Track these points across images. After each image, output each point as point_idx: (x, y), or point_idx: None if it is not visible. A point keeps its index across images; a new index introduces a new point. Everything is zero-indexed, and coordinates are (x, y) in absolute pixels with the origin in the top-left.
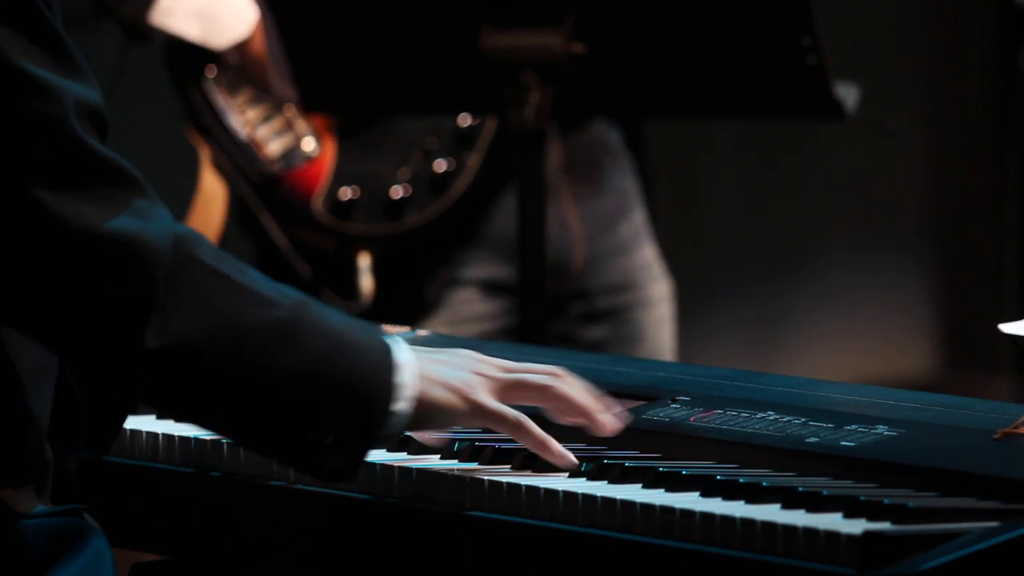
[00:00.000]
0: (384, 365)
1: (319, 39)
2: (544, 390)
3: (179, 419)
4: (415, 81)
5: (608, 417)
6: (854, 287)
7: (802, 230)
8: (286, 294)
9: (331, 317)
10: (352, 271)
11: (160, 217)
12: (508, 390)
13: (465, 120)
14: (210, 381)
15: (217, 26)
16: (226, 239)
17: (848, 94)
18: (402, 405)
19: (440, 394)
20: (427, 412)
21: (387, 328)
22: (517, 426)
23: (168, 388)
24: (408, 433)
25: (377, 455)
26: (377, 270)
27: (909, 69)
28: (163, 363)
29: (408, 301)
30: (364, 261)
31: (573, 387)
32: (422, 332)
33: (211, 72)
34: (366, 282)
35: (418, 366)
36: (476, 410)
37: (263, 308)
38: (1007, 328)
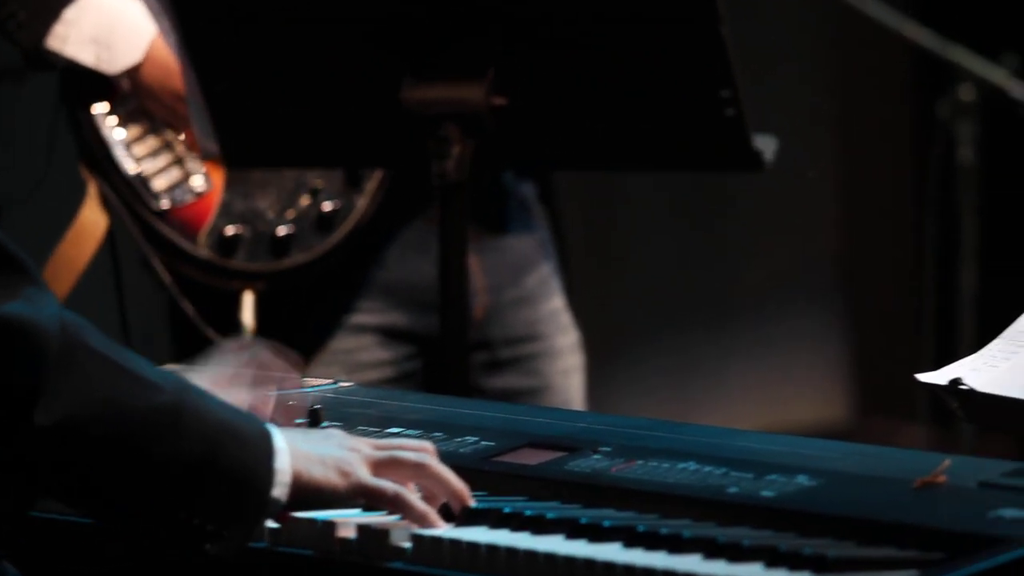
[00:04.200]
0: (264, 450)
1: (240, 94)
2: (419, 468)
3: (66, 502)
4: (337, 135)
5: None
6: (771, 335)
7: (718, 279)
8: (169, 379)
9: (212, 403)
10: (235, 309)
11: (48, 303)
12: (383, 467)
13: None
14: (96, 462)
15: (111, 52)
16: (92, 275)
17: (766, 145)
18: (280, 490)
19: (320, 474)
20: (307, 493)
21: (311, 380)
22: (397, 500)
23: (55, 468)
24: None
25: None
26: (263, 310)
27: (825, 119)
28: (51, 442)
29: (298, 345)
30: (248, 299)
31: (444, 466)
32: (345, 384)
33: (103, 105)
34: (248, 320)
35: (295, 449)
36: (356, 487)
37: (147, 392)
38: (925, 377)
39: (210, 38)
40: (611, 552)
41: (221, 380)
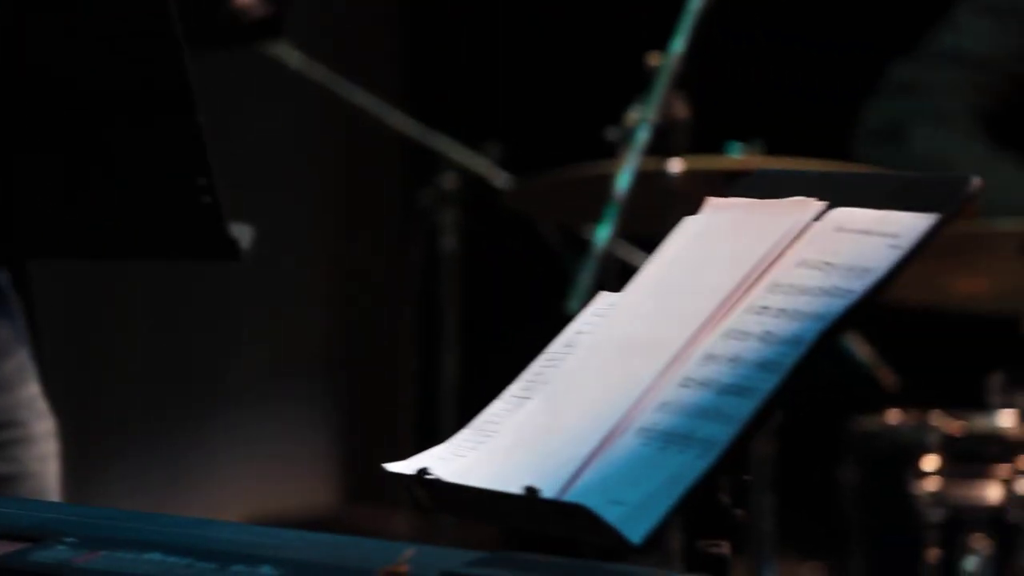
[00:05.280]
0: None
1: None
2: None
3: None
4: None
5: None
6: (259, 424)
7: (203, 368)
8: None
9: None
10: None
11: None
12: None
13: None
14: None
15: None
16: None
17: (243, 233)
18: None
19: None
20: None
21: None
22: None
23: None
24: None
25: None
26: None
27: (313, 208)
28: None
29: None
30: None
31: None
32: None
33: None
34: None
35: None
36: None
37: None
38: (394, 467)
39: None
40: None
41: None
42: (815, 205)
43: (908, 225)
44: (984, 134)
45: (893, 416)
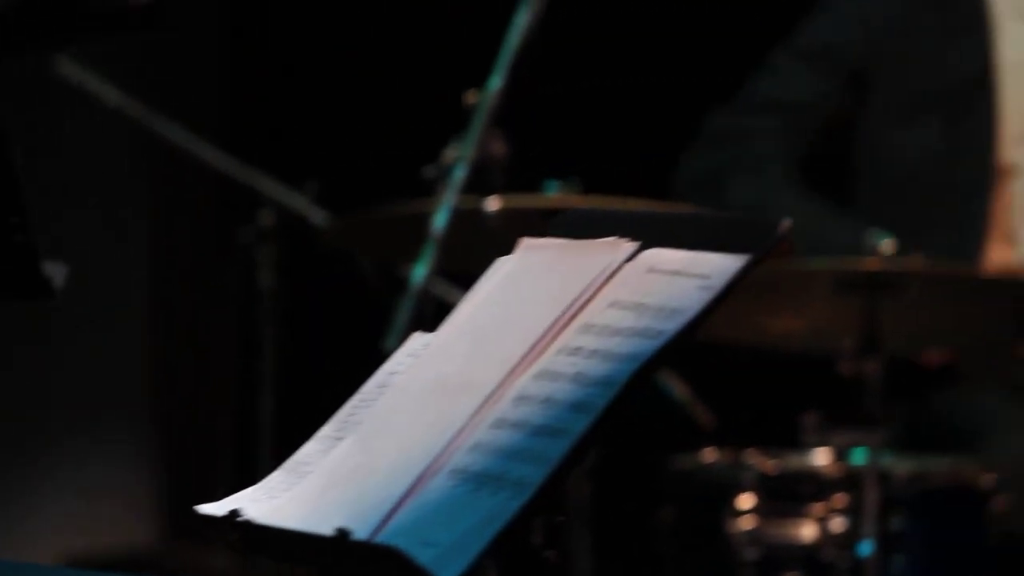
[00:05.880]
0: None
1: None
2: None
3: None
4: None
5: None
6: (74, 462)
7: (18, 405)
8: None
9: None
10: None
11: None
12: None
13: None
14: None
15: None
16: None
17: (57, 272)
18: None
19: None
20: None
21: None
22: None
23: None
24: None
25: None
26: None
27: (130, 245)
28: None
29: None
30: None
31: None
32: None
33: None
34: None
35: None
36: None
37: None
38: (205, 509)
39: None
40: None
41: None
42: (627, 246)
43: (719, 266)
44: (799, 178)
45: (709, 455)
